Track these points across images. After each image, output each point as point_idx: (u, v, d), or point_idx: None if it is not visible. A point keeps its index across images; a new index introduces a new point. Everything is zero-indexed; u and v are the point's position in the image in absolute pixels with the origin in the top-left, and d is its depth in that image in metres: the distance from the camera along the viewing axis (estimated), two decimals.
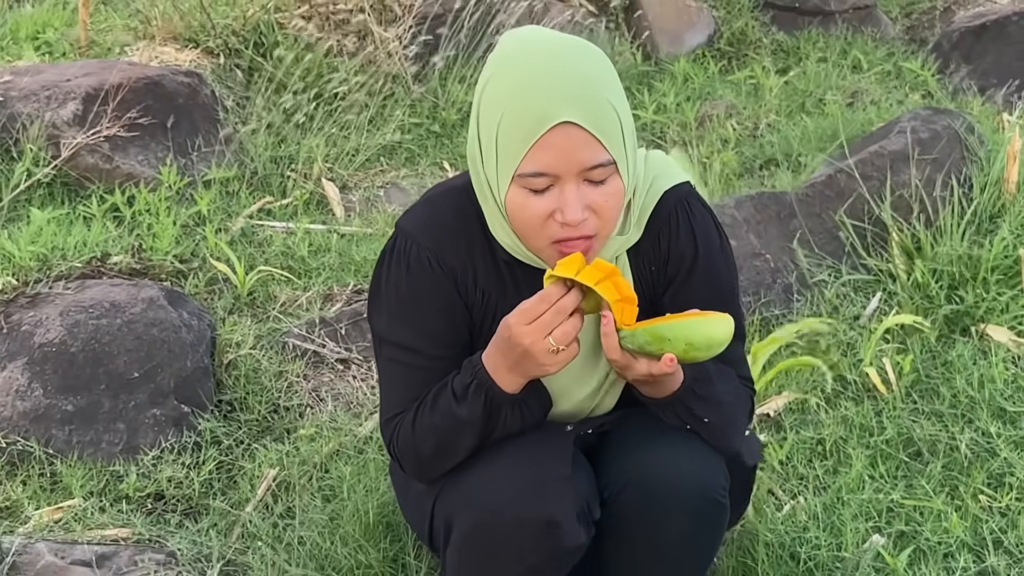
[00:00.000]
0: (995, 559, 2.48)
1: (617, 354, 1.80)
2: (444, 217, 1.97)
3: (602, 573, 2.07)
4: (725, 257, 2.02)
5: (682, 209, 1.98)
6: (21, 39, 5.10)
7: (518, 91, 1.75)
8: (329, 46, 4.79)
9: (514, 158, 1.76)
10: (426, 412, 1.92)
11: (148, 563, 2.39)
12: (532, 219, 1.79)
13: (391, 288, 1.97)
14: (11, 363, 2.91)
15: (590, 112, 1.74)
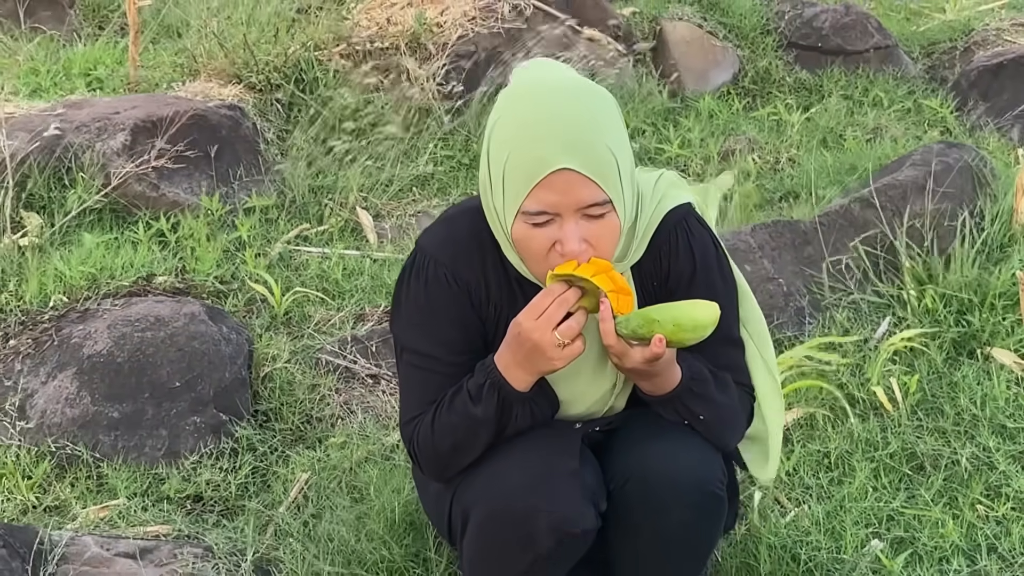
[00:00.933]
0: (988, 562, 2.60)
1: (613, 339, 1.95)
2: (460, 235, 2.14)
3: (609, 563, 2.21)
4: (722, 273, 2.18)
5: (682, 229, 2.14)
6: (74, 75, 5.34)
7: (521, 135, 1.93)
8: (366, 82, 4.99)
9: (518, 197, 1.93)
10: (443, 413, 2.08)
11: (187, 556, 2.56)
12: (536, 251, 1.97)
13: (411, 300, 2.14)
14: (61, 373, 3.10)
15: (587, 158, 1.91)
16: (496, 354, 2.04)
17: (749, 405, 2.24)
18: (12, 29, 6.01)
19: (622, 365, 2.02)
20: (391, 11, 5.40)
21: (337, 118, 4.81)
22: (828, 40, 5.93)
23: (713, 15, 6.07)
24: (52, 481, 2.94)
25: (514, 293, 2.11)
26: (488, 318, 2.13)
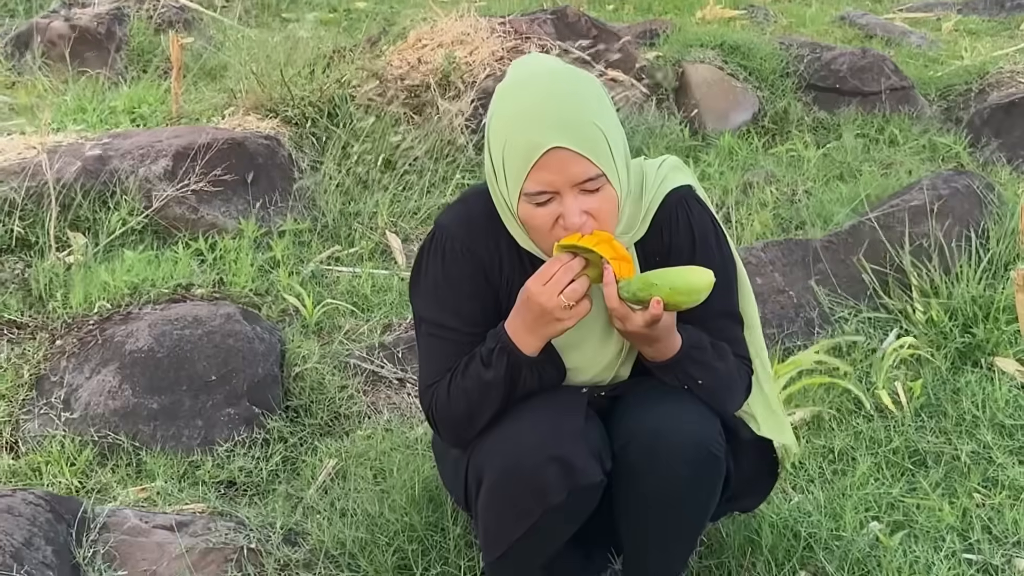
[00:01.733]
0: (981, 540, 2.71)
1: (616, 302, 2.10)
2: (475, 213, 2.31)
3: (616, 521, 2.34)
4: (720, 250, 2.33)
5: (682, 208, 2.30)
6: (119, 112, 5.59)
7: (516, 122, 2.11)
8: (397, 117, 5.21)
9: (518, 179, 2.11)
10: (458, 379, 2.23)
11: (220, 528, 2.71)
12: (541, 227, 2.13)
13: (429, 274, 2.31)
14: (104, 368, 3.29)
15: (576, 135, 2.07)
16: (506, 320, 2.19)
17: (747, 375, 2.38)
18: (61, 71, 6.29)
19: (624, 328, 2.16)
20: (422, 52, 5.64)
21: (368, 149, 5.01)
22: (845, 82, 6.11)
23: (734, 58, 6.27)
24: (94, 467, 3.10)
25: (525, 267, 2.28)
26: (501, 290, 2.30)
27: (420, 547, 2.59)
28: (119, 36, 6.54)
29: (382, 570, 2.54)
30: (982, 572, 2.61)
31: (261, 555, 2.63)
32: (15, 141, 4.72)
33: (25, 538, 2.42)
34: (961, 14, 8.46)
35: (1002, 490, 2.94)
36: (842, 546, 2.67)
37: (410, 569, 2.55)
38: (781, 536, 2.68)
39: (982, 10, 8.61)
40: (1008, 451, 3.11)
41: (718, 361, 2.27)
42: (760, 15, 8.21)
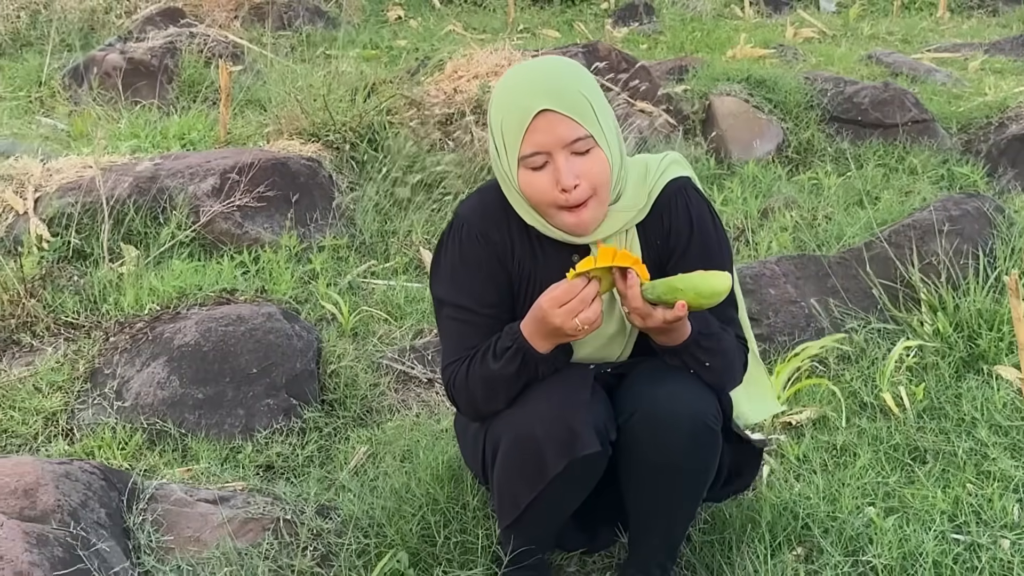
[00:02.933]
0: (969, 520, 2.88)
1: (639, 303, 2.30)
2: (489, 202, 2.54)
3: (622, 490, 2.54)
4: (717, 235, 2.54)
5: (681, 195, 2.52)
6: (169, 137, 5.88)
7: (508, 96, 2.35)
8: (433, 142, 5.46)
9: (515, 146, 2.33)
10: (476, 366, 2.45)
11: (258, 502, 2.93)
12: (539, 192, 2.35)
13: (448, 259, 2.53)
14: (154, 362, 3.53)
15: (562, 99, 2.31)
16: (522, 323, 2.38)
17: (744, 354, 2.58)
18: (115, 101, 6.60)
19: (644, 324, 2.36)
20: (458, 82, 5.90)
21: (405, 173, 5.26)
22: (868, 114, 6.31)
23: (759, 91, 6.49)
24: (143, 451, 3.34)
25: (535, 250, 2.49)
26: (514, 272, 2.51)
27: (442, 518, 2.79)
28: (171, 68, 6.86)
29: (407, 538, 2.74)
30: (969, 551, 2.77)
31: (296, 525, 2.84)
32: (72, 160, 5.02)
33: (81, 500, 2.65)
34: (988, 54, 8.63)
35: (994, 481, 3.10)
36: (837, 526, 2.84)
37: (433, 537, 2.75)
38: (780, 516, 2.86)
39: (1009, 51, 8.77)
40: (1003, 448, 3.27)
41: (721, 344, 2.47)
42: (789, 54, 8.43)
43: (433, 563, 2.70)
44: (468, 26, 9.55)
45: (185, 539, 2.77)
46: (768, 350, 3.91)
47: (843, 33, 10.00)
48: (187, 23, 7.77)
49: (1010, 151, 5.87)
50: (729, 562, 2.74)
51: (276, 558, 2.71)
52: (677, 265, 2.49)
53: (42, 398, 3.55)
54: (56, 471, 2.68)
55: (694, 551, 2.82)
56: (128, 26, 7.93)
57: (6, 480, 2.59)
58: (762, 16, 11.05)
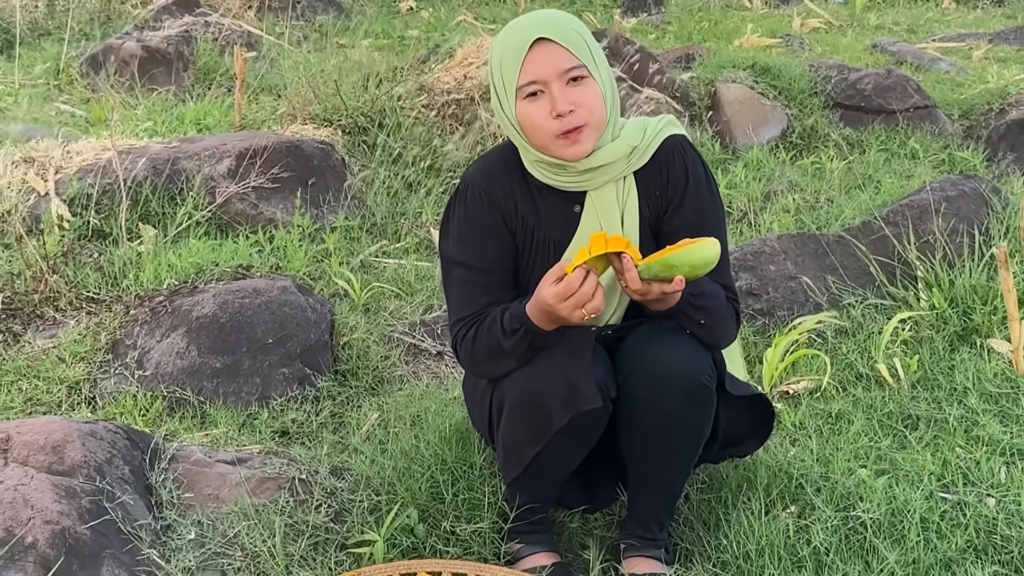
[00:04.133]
0: (956, 480, 2.99)
1: (638, 284, 2.40)
2: (493, 164, 2.67)
3: (621, 445, 2.66)
4: (710, 188, 2.66)
5: (679, 150, 2.64)
6: (186, 123, 6.02)
7: (507, 35, 2.50)
8: (443, 127, 5.59)
9: (512, 78, 2.46)
10: (483, 334, 2.56)
11: (274, 463, 3.05)
12: (537, 121, 2.47)
13: (455, 219, 2.66)
14: (173, 332, 3.66)
15: (558, 31, 2.44)
16: (528, 307, 2.45)
17: (735, 309, 2.69)
18: (132, 88, 6.74)
19: (643, 299, 2.46)
20: (468, 69, 6.02)
21: (415, 156, 5.39)
22: (871, 100, 6.42)
23: (764, 79, 6.60)
24: (164, 417, 3.47)
25: (537, 203, 2.61)
26: (517, 228, 2.63)
27: (450, 477, 2.91)
28: (186, 56, 6.99)
29: (417, 495, 2.87)
30: (955, 508, 2.89)
31: (310, 484, 2.96)
32: (92, 143, 5.15)
33: (106, 457, 2.78)
34: (992, 44, 8.72)
35: (983, 446, 3.22)
36: (829, 485, 2.96)
37: (441, 495, 2.87)
38: (775, 476, 2.98)
39: (1013, 40, 8.87)
40: (992, 414, 3.39)
41: (712, 302, 2.59)
42: (796, 43, 8.53)
43: (441, 518, 2.82)
44: (479, 16, 9.67)
45: (204, 496, 2.90)
46: (767, 324, 4.03)
47: (849, 23, 10.10)
48: (202, 12, 7.90)
49: (1009, 136, 5.97)
50: (726, 518, 2.85)
51: (292, 514, 2.83)
52: (673, 216, 2.61)
53: (65, 368, 3.68)
54: (82, 429, 2.81)
55: (691, 508, 2.94)
56: (144, 15, 8.06)
57: (35, 437, 2.73)
58: (769, 7, 11.15)
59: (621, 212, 2.59)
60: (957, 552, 2.70)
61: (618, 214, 2.58)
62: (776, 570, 2.64)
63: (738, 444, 2.87)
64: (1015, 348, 3.58)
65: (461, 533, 2.79)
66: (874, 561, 2.67)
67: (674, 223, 2.59)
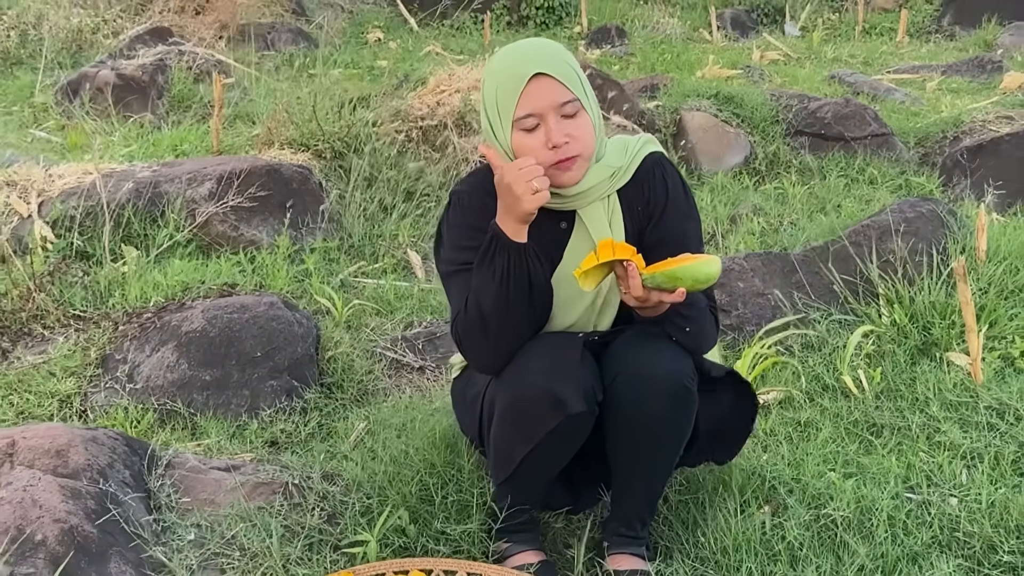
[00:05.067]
0: (920, 482, 3.15)
1: (640, 292, 2.54)
2: (481, 179, 2.80)
3: (607, 446, 2.79)
4: (688, 202, 2.81)
5: (658, 167, 2.79)
6: (162, 149, 6.12)
7: (502, 67, 2.63)
8: (417, 153, 5.72)
9: (509, 110, 2.60)
10: (471, 295, 2.66)
11: (267, 469, 3.16)
12: (532, 151, 2.60)
13: (448, 226, 2.79)
14: (163, 347, 3.76)
15: (553, 66, 2.59)
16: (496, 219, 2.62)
17: (716, 318, 2.84)
18: (107, 115, 6.83)
19: (640, 305, 2.60)
20: (440, 96, 6.17)
21: (390, 180, 5.52)
22: (830, 128, 6.63)
23: (728, 107, 6.80)
24: (155, 429, 3.56)
25: None
26: None
27: (439, 480, 3.03)
28: (161, 84, 7.10)
29: (407, 498, 2.98)
30: (920, 507, 3.04)
31: (303, 489, 3.07)
32: (73, 167, 5.25)
33: (108, 461, 2.88)
34: (945, 75, 9.00)
35: (945, 450, 3.38)
36: (800, 486, 3.10)
37: (431, 497, 2.99)
38: (749, 479, 3.12)
39: (965, 72, 9.14)
40: (953, 421, 3.55)
41: (696, 311, 2.73)
42: (756, 74, 8.76)
43: (431, 519, 2.94)
44: (447, 47, 9.83)
45: (201, 501, 3.00)
46: (737, 338, 4.18)
47: (807, 56, 10.37)
48: (175, 42, 8.01)
49: (963, 162, 6.19)
50: (703, 517, 2.99)
51: (287, 516, 2.94)
52: (654, 229, 2.75)
53: (56, 382, 3.77)
54: (84, 435, 2.91)
55: (670, 509, 3.07)
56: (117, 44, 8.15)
57: (40, 442, 2.82)
58: (729, 40, 11.41)
59: (609, 226, 2.73)
60: (922, 547, 2.85)
61: (607, 229, 2.72)
62: (753, 564, 2.78)
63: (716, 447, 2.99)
64: (973, 358, 3.75)
65: (451, 533, 2.91)
66: (845, 555, 2.82)
67: (656, 235, 2.73)
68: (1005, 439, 3.41)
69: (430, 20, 12.04)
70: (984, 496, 3.01)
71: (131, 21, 8.95)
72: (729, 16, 12.34)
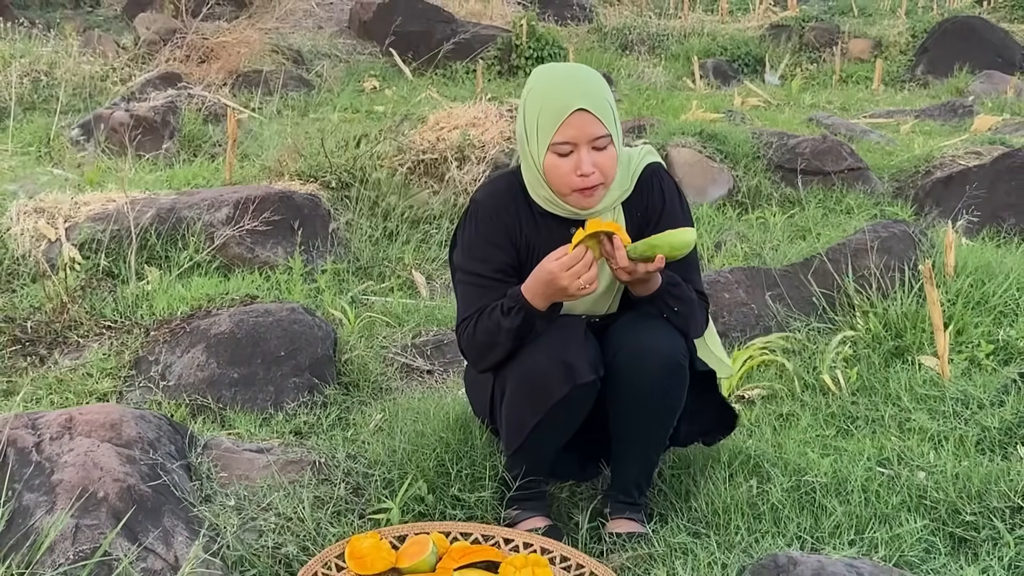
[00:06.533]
0: (892, 458, 3.46)
1: (626, 262, 2.87)
2: (500, 188, 3.13)
3: (608, 417, 3.09)
4: (683, 208, 3.15)
5: (656, 177, 3.13)
6: (176, 184, 6.45)
7: (548, 91, 2.95)
8: (419, 184, 6.07)
9: (548, 134, 2.93)
10: (484, 320, 3.00)
11: (296, 451, 3.45)
12: (562, 174, 2.94)
13: (465, 235, 3.11)
14: (193, 348, 4.07)
15: (596, 103, 2.91)
16: (524, 286, 2.94)
17: (706, 308, 3.17)
18: (121, 153, 7.17)
19: (629, 278, 2.92)
20: (440, 132, 6.54)
21: (395, 209, 5.86)
22: (809, 163, 7.01)
23: (712, 144, 7.17)
24: (188, 421, 3.85)
25: (539, 225, 3.08)
26: (520, 245, 3.09)
27: (454, 456, 3.33)
28: (172, 124, 7.44)
29: (425, 471, 3.28)
30: (890, 479, 3.35)
31: (330, 466, 3.37)
32: (98, 195, 5.57)
33: (156, 436, 3.17)
34: (918, 119, 9.41)
35: (915, 434, 3.69)
36: (783, 462, 3.41)
37: (447, 471, 3.29)
38: (736, 456, 3.43)
39: (938, 116, 9.57)
40: (923, 411, 3.87)
41: (686, 293, 3.06)
42: (737, 118, 9.15)
43: (448, 488, 3.24)
44: (441, 94, 10.22)
45: (237, 476, 3.29)
46: (724, 344, 4.49)
47: (786, 102, 10.80)
48: (183, 86, 8.38)
49: (934, 193, 6.57)
50: (695, 487, 3.29)
51: (316, 488, 3.23)
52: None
53: (94, 382, 4.07)
54: (134, 413, 3.20)
55: (665, 481, 3.38)
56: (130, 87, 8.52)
57: (95, 416, 3.12)
58: (712, 88, 11.85)
59: None
60: (892, 509, 3.15)
61: None
62: (741, 522, 3.08)
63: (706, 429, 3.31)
64: (941, 354, 4.08)
65: (466, 500, 3.21)
66: (823, 516, 3.12)
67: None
68: (969, 424, 3.72)
69: (424, 69, 12.47)
70: (949, 469, 3.32)
71: (139, 69, 9.33)
72: (711, 65, 12.81)
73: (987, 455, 3.48)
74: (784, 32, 14.49)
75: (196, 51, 9.62)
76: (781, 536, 3.03)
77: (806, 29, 14.44)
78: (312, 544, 3.02)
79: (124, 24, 12.92)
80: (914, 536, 3.00)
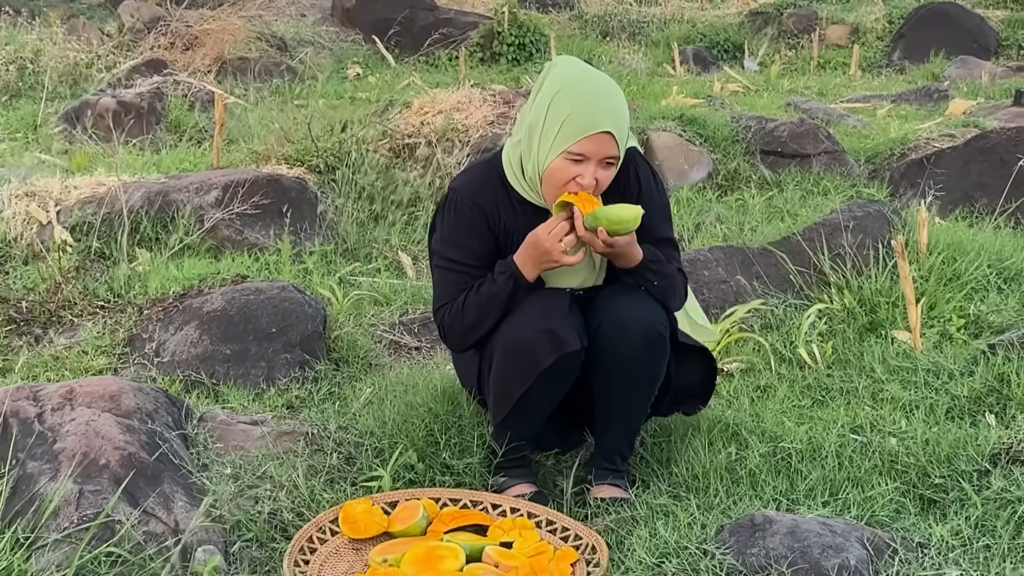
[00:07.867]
0: (864, 426, 3.59)
1: (583, 231, 2.99)
2: (478, 176, 3.23)
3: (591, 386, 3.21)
4: (658, 190, 3.27)
5: (632, 163, 3.24)
6: (163, 169, 6.53)
7: (582, 103, 3.00)
8: (404, 167, 6.17)
9: (567, 141, 3.00)
10: (472, 295, 3.12)
11: (289, 423, 3.56)
12: (561, 176, 3.04)
13: (444, 223, 3.22)
14: (187, 326, 4.17)
15: (620, 128, 3.03)
16: (515, 255, 3.08)
17: (685, 283, 3.29)
18: (108, 138, 7.25)
19: (593, 248, 3.06)
20: (424, 116, 6.64)
21: (380, 192, 5.96)
22: (786, 146, 7.14)
23: (691, 128, 7.30)
24: (183, 396, 3.95)
25: (516, 213, 3.18)
26: (499, 233, 3.19)
27: (442, 426, 3.44)
28: (159, 110, 7.53)
29: (415, 440, 3.39)
30: (863, 445, 3.47)
31: (322, 437, 3.48)
32: (88, 179, 5.66)
33: (154, 407, 3.28)
34: (895, 103, 9.56)
35: (887, 404, 3.82)
36: (760, 429, 3.54)
37: (436, 440, 3.40)
38: (715, 424, 3.55)
39: (913, 100, 9.72)
40: (896, 381, 4.00)
41: (666, 268, 3.18)
42: (717, 103, 9.28)
43: (437, 457, 3.35)
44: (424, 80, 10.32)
45: (232, 447, 3.39)
46: None
47: (765, 88, 10.94)
48: (169, 73, 8.46)
49: (909, 174, 6.70)
50: (676, 454, 3.42)
51: (309, 457, 3.34)
52: None
53: (89, 359, 4.16)
54: (132, 385, 3.31)
55: (647, 449, 3.50)
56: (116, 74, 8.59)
57: (95, 388, 3.22)
58: (692, 74, 11.98)
59: None
60: (865, 473, 3.28)
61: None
62: (720, 485, 3.20)
63: (686, 399, 3.43)
64: (913, 328, 4.21)
65: (455, 467, 3.32)
66: (798, 480, 3.24)
67: None
68: (940, 393, 3.85)
69: (407, 57, 12.57)
70: (919, 435, 3.44)
71: (123, 56, 9.40)
72: (691, 52, 12.95)
73: (956, 422, 3.61)
74: (763, 19, 14.66)
75: (181, 38, 9.69)
76: (758, 498, 3.15)
77: (784, 16, 14.60)
78: (307, 510, 3.13)
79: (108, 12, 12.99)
80: (885, 497, 3.12)
